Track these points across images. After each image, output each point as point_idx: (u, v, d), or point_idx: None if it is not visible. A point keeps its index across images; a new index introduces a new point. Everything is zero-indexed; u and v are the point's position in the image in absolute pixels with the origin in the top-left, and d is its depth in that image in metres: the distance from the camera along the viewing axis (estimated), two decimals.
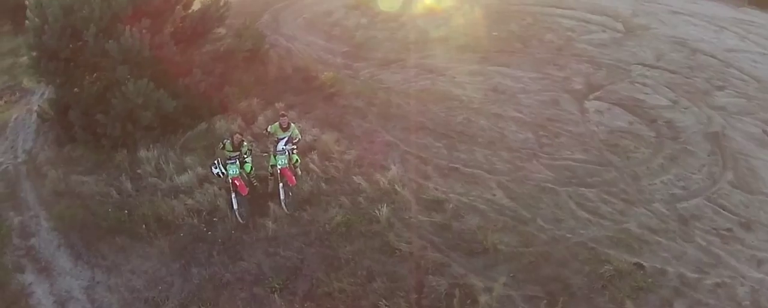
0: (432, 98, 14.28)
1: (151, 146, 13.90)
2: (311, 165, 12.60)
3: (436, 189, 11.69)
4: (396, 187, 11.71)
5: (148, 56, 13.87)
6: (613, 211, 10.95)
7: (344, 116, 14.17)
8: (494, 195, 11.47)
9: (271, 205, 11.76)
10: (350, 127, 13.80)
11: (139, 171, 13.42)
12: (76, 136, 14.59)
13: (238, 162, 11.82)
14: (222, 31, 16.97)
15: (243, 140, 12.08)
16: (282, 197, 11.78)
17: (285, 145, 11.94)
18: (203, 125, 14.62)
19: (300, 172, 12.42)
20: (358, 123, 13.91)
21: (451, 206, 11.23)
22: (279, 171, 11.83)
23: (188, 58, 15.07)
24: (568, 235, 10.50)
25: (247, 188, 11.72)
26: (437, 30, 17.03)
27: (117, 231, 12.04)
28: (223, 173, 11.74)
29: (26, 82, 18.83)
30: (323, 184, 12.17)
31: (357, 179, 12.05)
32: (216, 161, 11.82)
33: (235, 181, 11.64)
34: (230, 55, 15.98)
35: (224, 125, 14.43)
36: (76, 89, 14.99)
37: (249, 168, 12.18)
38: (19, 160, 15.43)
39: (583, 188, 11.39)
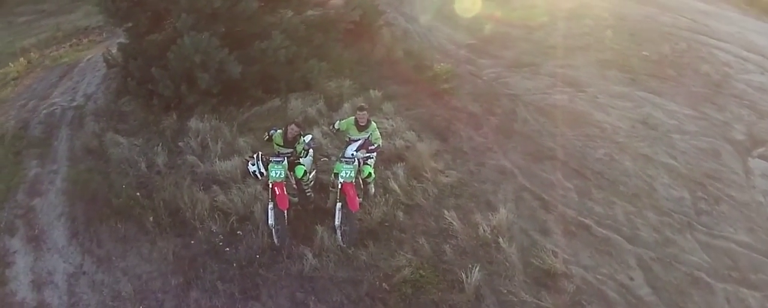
0: (568, 119, 11.77)
1: (205, 116, 11.48)
2: (392, 183, 9.63)
3: (555, 254, 8.62)
4: (500, 240, 8.67)
5: (221, 8, 11.46)
6: None
7: (453, 122, 11.54)
8: (632, 280, 8.57)
9: (320, 229, 8.64)
10: (458, 138, 11.10)
11: (180, 144, 11.02)
12: (130, 89, 12.40)
13: (286, 162, 8.60)
14: None
15: (300, 133, 8.82)
16: (337, 222, 8.43)
17: (357, 151, 8.67)
18: (275, 102, 12.06)
19: (373, 190, 9.22)
20: (468, 135, 11.16)
21: (571, 286, 8.24)
22: (340, 186, 8.45)
23: (276, 20, 12.30)
24: None
25: (288, 202, 8.50)
26: (581, 38, 14.88)
27: (124, 214, 9.61)
28: (261, 174, 8.53)
29: None
30: (401, 213, 9.17)
31: (449, 215, 9.09)
32: (255, 155, 8.64)
33: (276, 188, 8.39)
34: (331, 24, 13.19)
35: (300, 105, 11.86)
36: (153, 35, 12.95)
37: (301, 172, 8.85)
38: (74, 104, 13.59)
39: (744, 289, 8.72)
